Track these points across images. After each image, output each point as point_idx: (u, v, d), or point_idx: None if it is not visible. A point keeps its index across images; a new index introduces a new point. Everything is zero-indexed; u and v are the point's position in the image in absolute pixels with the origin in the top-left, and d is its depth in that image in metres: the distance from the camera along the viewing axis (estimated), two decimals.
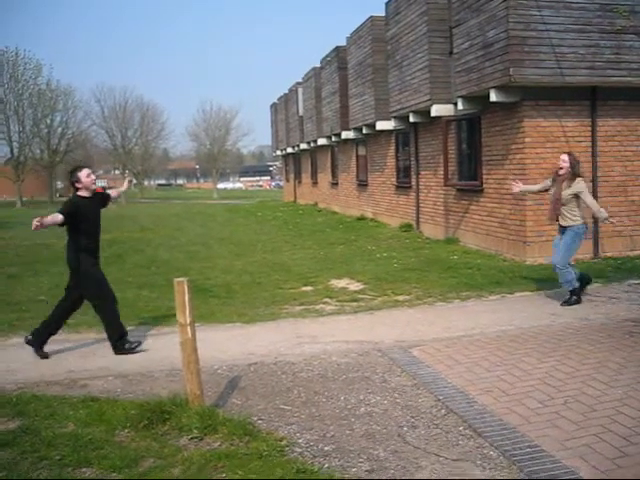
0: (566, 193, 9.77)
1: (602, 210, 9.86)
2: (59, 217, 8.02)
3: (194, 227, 27.17)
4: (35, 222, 7.77)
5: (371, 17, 22.62)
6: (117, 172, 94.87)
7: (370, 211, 25.57)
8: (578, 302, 9.97)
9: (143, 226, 28.16)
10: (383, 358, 7.61)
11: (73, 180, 8.31)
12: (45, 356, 8.21)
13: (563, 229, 9.95)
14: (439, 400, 6.15)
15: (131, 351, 8.23)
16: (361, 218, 25.48)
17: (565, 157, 9.99)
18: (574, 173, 9.83)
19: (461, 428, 5.48)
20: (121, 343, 8.29)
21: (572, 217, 9.81)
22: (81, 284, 8.36)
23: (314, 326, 9.29)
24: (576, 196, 9.75)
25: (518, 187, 10.85)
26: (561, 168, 9.94)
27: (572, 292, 9.96)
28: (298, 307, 10.54)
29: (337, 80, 27.88)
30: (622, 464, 4.66)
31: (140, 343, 8.43)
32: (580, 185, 9.79)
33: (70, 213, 8.10)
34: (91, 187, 8.37)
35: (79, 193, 8.35)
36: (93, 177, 8.43)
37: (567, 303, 9.93)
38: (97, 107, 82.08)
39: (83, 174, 8.26)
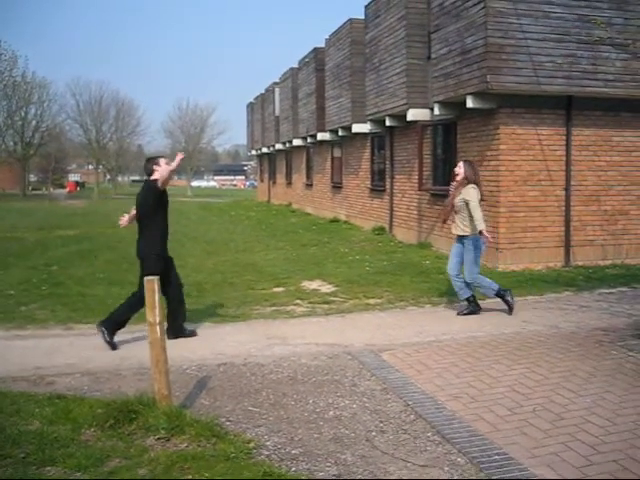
0: (457, 200, 9.73)
1: (481, 222, 9.54)
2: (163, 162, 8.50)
3: None
4: (124, 221, 8.70)
5: (350, 20, 22.65)
6: (90, 167, 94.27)
7: (344, 213, 25.57)
8: (476, 311, 9.96)
9: (116, 222, 27.89)
10: (353, 361, 7.60)
11: (151, 166, 8.54)
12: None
13: (458, 238, 9.95)
14: (408, 405, 6.14)
15: (191, 335, 8.68)
16: (334, 220, 25.48)
17: (461, 164, 9.93)
18: (469, 181, 9.75)
19: (429, 434, 5.47)
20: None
21: (463, 227, 9.78)
22: (144, 266, 8.38)
23: (284, 328, 9.25)
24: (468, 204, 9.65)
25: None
26: (457, 175, 9.89)
27: (497, 294, 9.92)
28: (269, 308, 10.50)
29: (314, 81, 27.88)
30: (589, 473, 4.67)
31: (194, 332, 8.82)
32: (469, 192, 9.66)
33: (157, 196, 8.41)
34: (165, 177, 8.49)
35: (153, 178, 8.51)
36: (168, 165, 8.59)
37: (508, 304, 9.88)
38: (72, 101, 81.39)
39: (163, 161, 8.64)
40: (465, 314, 9.88)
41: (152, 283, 5.65)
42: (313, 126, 28.09)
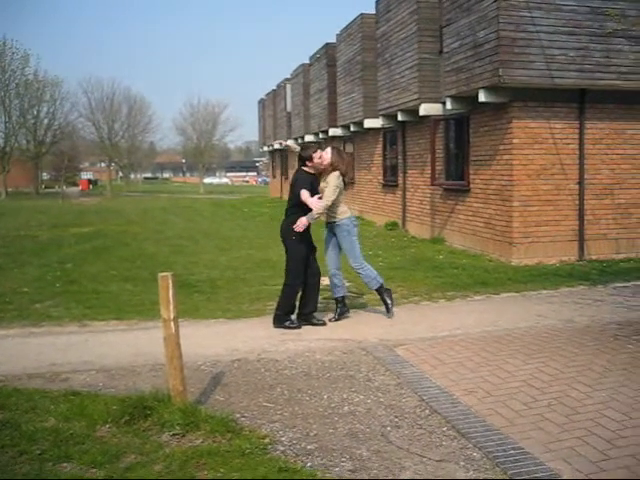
0: (322, 185, 9.17)
1: (324, 206, 8.93)
2: (306, 193, 8.83)
3: (180, 221, 27.09)
4: (303, 223, 8.82)
5: (361, 15, 22.60)
6: (103, 165, 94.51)
7: (356, 209, 25.54)
8: (346, 311, 9.49)
9: (129, 219, 28.06)
10: (367, 357, 7.59)
11: (306, 156, 9.03)
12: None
13: (329, 225, 9.41)
14: (423, 400, 6.12)
15: (290, 327, 8.88)
16: None
17: (328, 150, 9.29)
18: (333, 167, 9.16)
19: (445, 429, 5.45)
20: (285, 318, 8.96)
21: (333, 214, 9.22)
22: (289, 254, 9.05)
23: None
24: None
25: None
26: (324, 160, 9.25)
27: (378, 290, 9.45)
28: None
29: (326, 77, 27.84)
30: (605, 467, 4.65)
31: (299, 325, 8.98)
32: (330, 177, 9.07)
33: (307, 185, 8.89)
34: (319, 168, 9.08)
35: (305, 168, 9.08)
36: (322, 161, 9.02)
37: (385, 304, 9.44)
38: (84, 99, 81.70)
39: (317, 155, 8.97)
40: (336, 319, 9.32)
41: (166, 279, 5.65)
42: (325, 122, 28.06)
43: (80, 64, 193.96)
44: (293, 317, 9.04)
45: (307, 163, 9.03)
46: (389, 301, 9.48)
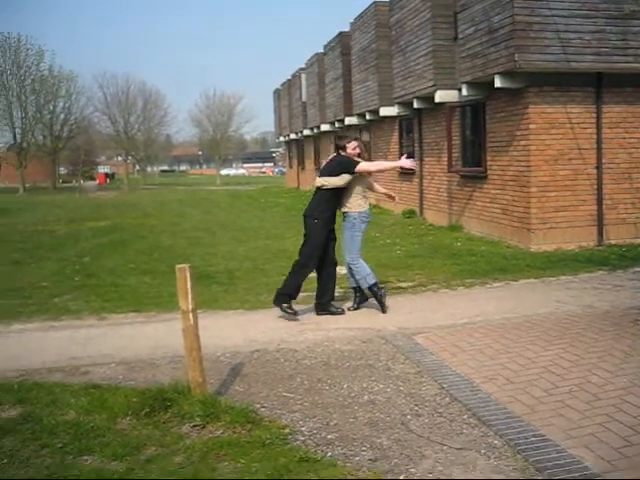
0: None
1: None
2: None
3: (197, 213, 27.13)
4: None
5: (375, 2, 22.51)
6: (120, 158, 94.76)
7: (373, 197, 25.46)
8: (365, 299, 9.38)
9: (146, 212, 28.14)
10: (386, 345, 7.57)
11: (341, 145, 9.24)
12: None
13: (344, 214, 9.27)
14: (443, 388, 6.10)
15: (287, 310, 8.88)
16: None
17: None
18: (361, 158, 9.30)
19: (465, 416, 5.43)
20: (284, 299, 8.93)
21: (348, 203, 9.14)
22: (308, 235, 9.04)
23: None
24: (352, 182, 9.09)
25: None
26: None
27: (370, 289, 9.11)
28: (301, 294, 10.45)
29: (340, 66, 27.80)
30: (628, 453, 4.62)
31: (295, 312, 8.98)
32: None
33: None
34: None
35: (343, 153, 9.23)
36: (357, 151, 9.18)
37: (380, 303, 9.12)
38: (100, 93, 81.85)
39: (351, 145, 9.16)
40: (355, 308, 9.31)
41: (184, 271, 5.65)
42: (340, 111, 28.01)
43: (93, 58, 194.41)
44: (293, 304, 9.02)
45: (341, 151, 9.23)
46: (384, 301, 9.12)
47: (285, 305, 8.90)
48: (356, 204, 9.12)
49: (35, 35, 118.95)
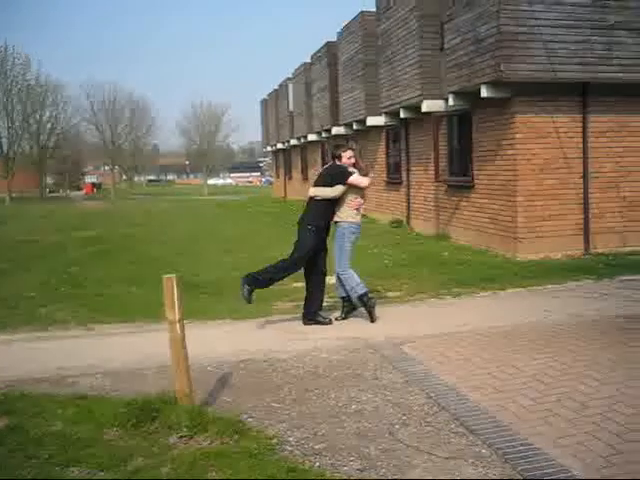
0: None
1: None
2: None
3: (184, 223, 27.07)
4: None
5: (362, 12, 22.63)
6: (107, 168, 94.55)
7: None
8: (353, 309, 9.34)
9: (133, 222, 28.05)
10: (374, 355, 7.56)
11: (336, 154, 9.26)
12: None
13: (335, 224, 9.22)
14: (431, 397, 6.09)
15: (244, 296, 8.86)
16: None
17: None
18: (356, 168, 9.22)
19: (453, 426, 5.43)
20: (249, 287, 8.86)
21: (340, 213, 9.10)
22: (299, 237, 9.01)
23: None
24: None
25: None
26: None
27: (360, 299, 9.07)
28: (289, 303, 10.47)
29: (327, 76, 27.86)
30: (615, 462, 4.62)
31: (249, 300, 8.92)
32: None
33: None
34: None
35: (338, 163, 9.23)
36: (352, 161, 9.15)
37: (369, 313, 9.06)
38: (86, 102, 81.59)
39: (346, 154, 9.15)
40: (343, 318, 9.26)
41: (171, 281, 5.64)
42: (328, 120, 28.05)
43: (80, 67, 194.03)
44: (254, 296, 8.95)
45: (336, 160, 9.25)
46: (373, 312, 9.05)
47: (245, 292, 8.83)
48: (347, 214, 9.09)
49: (20, 43, 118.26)
